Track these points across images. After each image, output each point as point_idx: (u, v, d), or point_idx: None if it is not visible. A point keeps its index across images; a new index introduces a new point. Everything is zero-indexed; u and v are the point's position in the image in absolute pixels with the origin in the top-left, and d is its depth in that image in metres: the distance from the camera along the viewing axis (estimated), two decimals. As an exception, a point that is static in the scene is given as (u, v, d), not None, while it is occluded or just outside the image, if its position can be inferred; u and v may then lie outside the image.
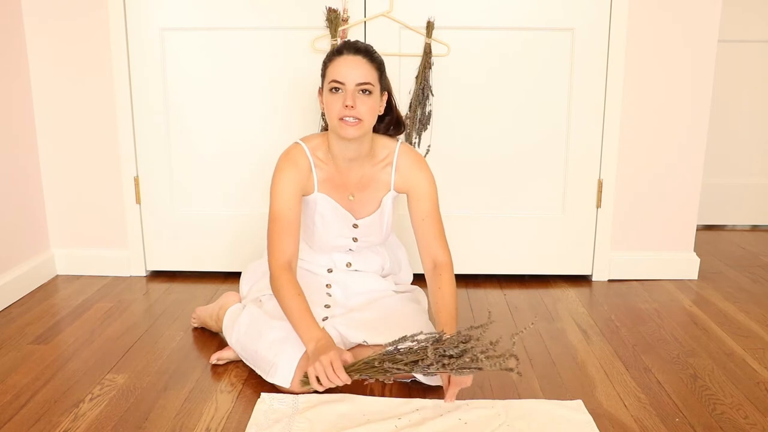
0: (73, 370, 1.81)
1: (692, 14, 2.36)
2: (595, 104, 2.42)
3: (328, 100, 1.69)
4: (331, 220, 1.85)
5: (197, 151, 2.49)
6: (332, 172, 1.81)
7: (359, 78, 1.66)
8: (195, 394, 1.69)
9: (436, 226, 1.83)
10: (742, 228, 3.35)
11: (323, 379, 1.53)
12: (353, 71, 1.66)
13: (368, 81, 1.67)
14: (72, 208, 2.56)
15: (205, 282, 2.52)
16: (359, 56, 1.68)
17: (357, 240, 1.89)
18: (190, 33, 2.39)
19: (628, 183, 2.49)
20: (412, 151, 1.86)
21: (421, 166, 1.84)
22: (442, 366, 1.51)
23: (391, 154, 1.83)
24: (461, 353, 1.50)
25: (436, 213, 1.83)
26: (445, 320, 1.70)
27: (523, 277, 2.59)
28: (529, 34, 2.37)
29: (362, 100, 1.67)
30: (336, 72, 1.67)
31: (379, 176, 1.83)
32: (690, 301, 2.36)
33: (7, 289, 2.28)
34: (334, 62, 1.68)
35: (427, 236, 1.82)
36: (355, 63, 1.67)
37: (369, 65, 1.68)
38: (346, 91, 1.66)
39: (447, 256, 1.83)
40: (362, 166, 1.81)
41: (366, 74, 1.67)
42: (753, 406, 1.64)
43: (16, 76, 2.38)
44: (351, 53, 1.68)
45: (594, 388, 1.72)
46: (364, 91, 1.67)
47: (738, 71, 3.18)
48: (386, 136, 1.86)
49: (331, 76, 1.68)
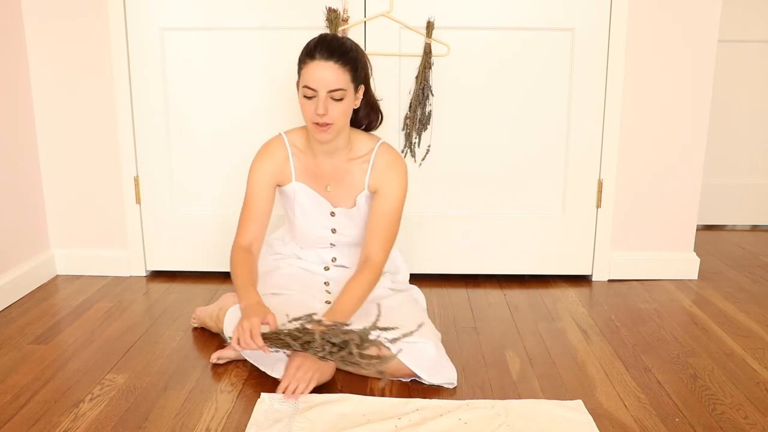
0: (73, 370, 1.81)
1: (692, 14, 2.36)
2: (595, 104, 2.42)
3: (302, 104, 1.72)
4: (310, 209, 1.89)
5: (197, 151, 2.49)
6: (309, 162, 1.86)
7: (331, 85, 1.67)
8: (195, 394, 1.69)
9: (388, 228, 1.83)
10: (742, 228, 3.35)
11: (241, 342, 1.60)
12: (325, 78, 1.66)
13: (340, 87, 1.68)
14: (72, 208, 2.56)
15: (205, 282, 2.52)
16: (331, 62, 1.66)
17: (336, 231, 1.91)
18: (190, 33, 2.39)
19: (628, 183, 2.49)
20: (391, 152, 1.87)
21: (396, 167, 1.85)
22: (329, 353, 1.56)
23: (370, 152, 1.85)
24: (343, 345, 1.55)
25: (393, 216, 1.83)
26: (343, 303, 1.72)
27: (523, 277, 2.59)
28: (529, 34, 2.37)
29: (334, 105, 1.69)
30: (308, 78, 1.68)
31: (355, 172, 1.85)
32: (690, 301, 2.36)
33: (7, 289, 2.28)
34: (307, 66, 1.68)
35: (375, 234, 1.82)
36: (326, 70, 1.66)
37: (341, 69, 1.67)
38: (319, 97, 1.68)
39: (381, 260, 1.82)
40: (338, 158, 1.85)
41: (337, 80, 1.67)
42: (753, 406, 1.64)
43: (16, 76, 2.38)
44: (323, 58, 1.66)
45: (594, 388, 1.72)
46: (335, 96, 1.68)
47: (738, 71, 3.18)
48: (366, 134, 1.89)
49: (304, 81, 1.69)
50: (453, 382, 1.72)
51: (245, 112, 2.44)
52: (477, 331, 2.08)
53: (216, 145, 2.48)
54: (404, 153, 2.44)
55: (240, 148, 2.46)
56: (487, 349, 1.95)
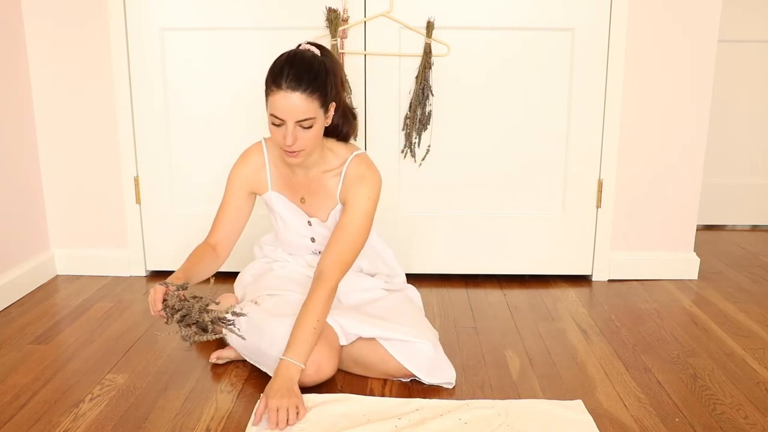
0: (73, 370, 1.81)
1: (692, 14, 2.36)
2: (595, 104, 2.42)
3: (271, 129, 1.67)
4: (288, 218, 1.88)
5: (197, 151, 2.49)
6: (286, 172, 1.85)
7: (299, 116, 1.62)
8: (195, 394, 1.69)
9: (347, 243, 1.73)
10: (742, 228, 3.35)
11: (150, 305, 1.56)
12: (292, 110, 1.61)
13: (308, 116, 1.62)
14: (72, 208, 2.56)
15: (204, 282, 2.51)
16: (298, 92, 1.60)
17: (315, 240, 1.90)
18: (190, 33, 2.39)
19: (628, 183, 2.49)
20: (363, 165, 1.79)
21: (365, 181, 1.77)
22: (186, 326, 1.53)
23: (344, 164, 1.80)
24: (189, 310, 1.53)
25: (355, 232, 1.74)
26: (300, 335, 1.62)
27: (523, 277, 2.59)
28: (529, 34, 2.37)
29: (303, 133, 1.65)
30: (274, 108, 1.62)
31: (328, 184, 1.82)
32: (690, 301, 2.36)
33: (7, 289, 2.28)
34: (273, 95, 1.62)
35: (333, 248, 1.73)
36: (293, 101, 1.60)
37: (308, 98, 1.61)
38: (287, 127, 1.63)
39: (335, 276, 1.71)
40: (313, 170, 1.82)
41: (306, 110, 1.61)
42: (753, 406, 1.64)
43: (16, 76, 2.38)
44: (290, 89, 1.60)
45: (594, 388, 1.72)
46: (304, 125, 1.64)
47: (738, 71, 3.18)
48: (343, 145, 1.84)
49: (271, 109, 1.64)
50: (452, 382, 1.72)
51: (245, 112, 2.44)
52: (477, 331, 2.09)
53: (216, 145, 2.48)
54: (404, 153, 2.44)
55: (240, 148, 2.46)
56: (487, 349, 1.95)
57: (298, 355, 1.61)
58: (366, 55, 2.37)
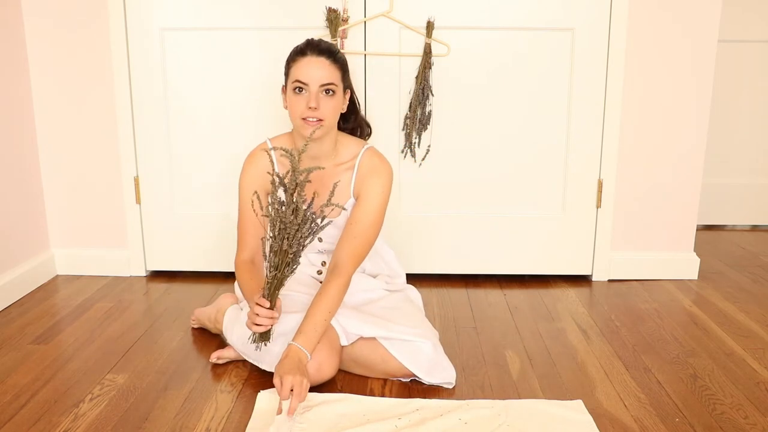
0: (73, 370, 1.81)
1: (692, 14, 2.36)
2: (595, 104, 2.42)
3: (292, 100, 1.71)
4: None
5: (197, 151, 2.49)
6: None
7: (323, 79, 1.68)
8: (195, 394, 1.69)
9: (362, 236, 1.76)
10: (742, 228, 3.35)
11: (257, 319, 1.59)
12: (317, 72, 1.68)
13: (332, 81, 1.69)
14: (72, 208, 2.56)
15: (205, 282, 2.52)
16: (323, 57, 1.69)
17: (322, 240, 1.90)
18: (190, 33, 2.40)
19: (628, 183, 2.49)
20: (376, 157, 1.83)
21: (378, 173, 1.80)
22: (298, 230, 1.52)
23: (355, 157, 1.82)
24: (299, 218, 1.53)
25: (369, 225, 1.77)
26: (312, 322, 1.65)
27: (523, 277, 2.59)
28: (529, 34, 2.37)
29: (325, 100, 1.69)
30: (299, 72, 1.69)
31: (341, 178, 1.82)
32: (690, 301, 2.36)
33: (7, 289, 2.28)
34: (297, 62, 1.70)
35: (348, 242, 1.76)
36: (318, 64, 1.68)
37: (332, 66, 1.70)
38: (310, 91, 1.68)
39: (350, 269, 1.74)
40: (325, 164, 1.81)
41: (330, 75, 1.69)
42: (753, 406, 1.64)
43: (15, 76, 2.38)
44: (314, 54, 1.69)
45: (594, 388, 1.72)
46: (327, 91, 1.69)
47: (738, 71, 3.18)
48: (354, 139, 1.87)
49: (295, 76, 1.69)
50: (451, 382, 1.72)
51: (245, 112, 2.44)
52: (477, 331, 2.09)
53: (216, 145, 2.48)
54: (404, 153, 2.44)
55: (240, 148, 2.46)
56: (487, 349, 1.95)
57: (306, 342, 1.62)
58: (366, 55, 2.37)
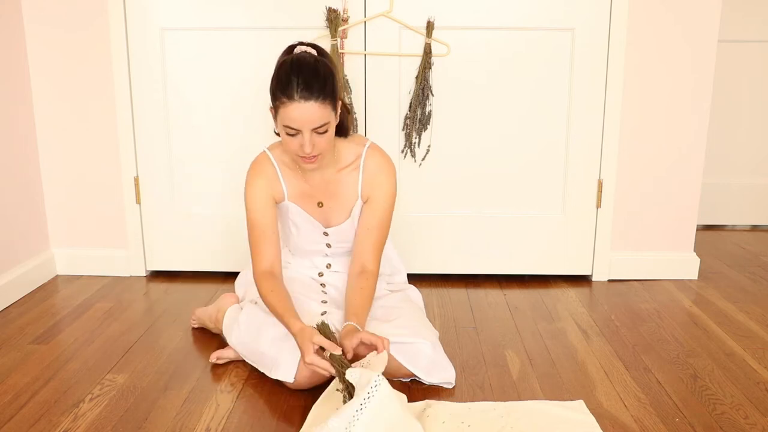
0: (73, 370, 1.81)
1: (692, 14, 2.36)
2: (595, 104, 2.42)
3: (285, 140, 1.66)
4: (303, 227, 1.86)
5: (197, 151, 2.49)
6: (299, 179, 1.81)
7: (315, 123, 1.60)
8: (195, 394, 1.69)
9: (380, 235, 1.81)
10: (742, 228, 3.35)
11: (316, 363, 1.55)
12: (308, 118, 1.59)
13: (324, 122, 1.61)
14: (72, 208, 2.56)
15: (205, 282, 2.52)
16: (311, 101, 1.58)
17: (330, 246, 1.89)
18: (190, 33, 2.39)
19: (628, 183, 2.49)
20: (379, 154, 1.82)
21: (387, 171, 1.81)
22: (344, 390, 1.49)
23: (359, 158, 1.80)
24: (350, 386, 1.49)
25: (385, 222, 1.82)
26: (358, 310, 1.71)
27: (523, 277, 2.59)
28: (529, 34, 2.37)
29: (318, 139, 1.63)
30: (289, 119, 1.60)
31: (347, 182, 1.81)
32: (690, 301, 2.36)
33: (7, 289, 2.28)
34: (286, 107, 1.59)
35: (365, 245, 1.80)
36: (308, 110, 1.58)
37: (322, 105, 1.59)
38: (303, 135, 1.62)
39: (376, 267, 1.81)
40: (328, 171, 1.80)
41: (321, 116, 1.60)
42: (753, 406, 1.64)
43: (15, 76, 2.38)
44: (303, 99, 1.57)
45: (594, 388, 1.72)
46: (320, 130, 1.62)
47: (738, 71, 3.17)
48: (352, 139, 1.84)
49: (284, 120, 1.61)
50: (451, 382, 1.72)
51: (246, 112, 2.44)
52: (477, 331, 2.09)
53: (216, 145, 2.48)
54: (404, 153, 2.44)
55: (240, 148, 2.46)
56: (487, 349, 1.95)
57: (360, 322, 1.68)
58: (366, 55, 2.37)
